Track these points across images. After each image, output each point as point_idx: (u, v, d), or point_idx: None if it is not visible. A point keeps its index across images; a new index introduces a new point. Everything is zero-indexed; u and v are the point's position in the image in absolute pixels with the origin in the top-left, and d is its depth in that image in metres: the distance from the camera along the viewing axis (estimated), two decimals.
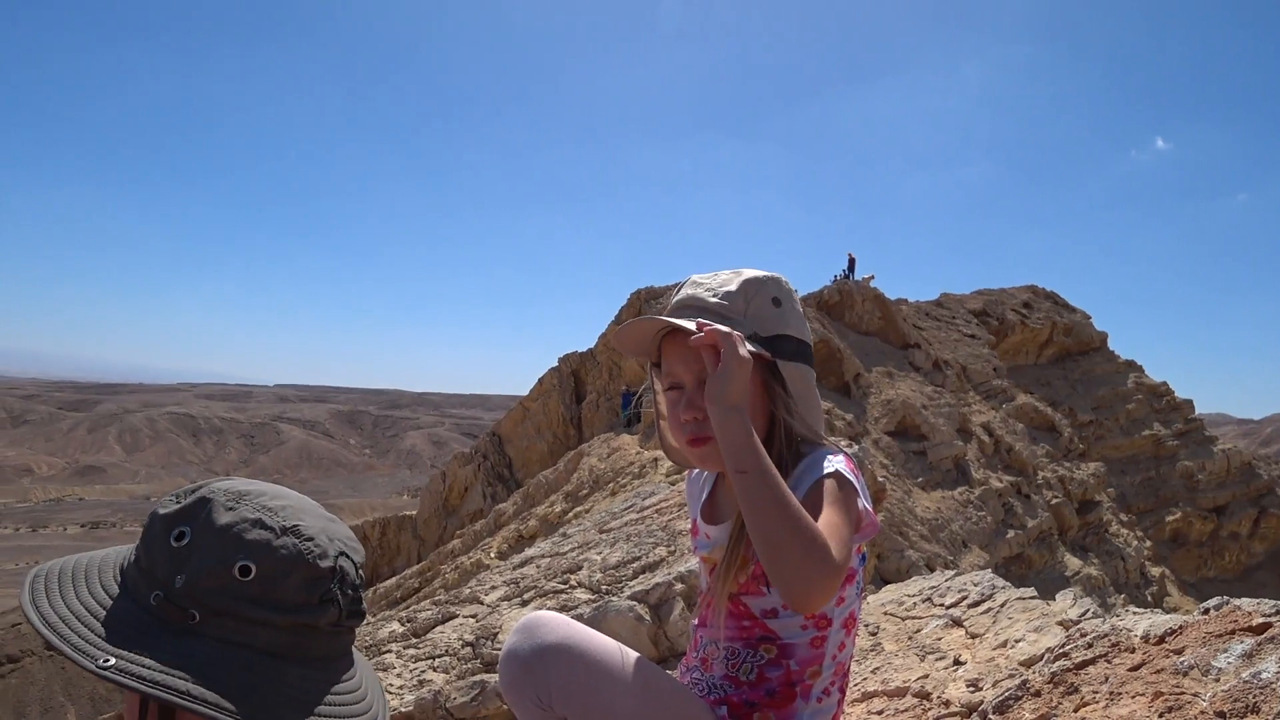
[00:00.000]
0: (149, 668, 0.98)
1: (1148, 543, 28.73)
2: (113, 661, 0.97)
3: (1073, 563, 23.34)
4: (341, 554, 1.10)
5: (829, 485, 1.52)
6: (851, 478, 1.56)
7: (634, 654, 1.64)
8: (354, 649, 1.18)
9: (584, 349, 28.02)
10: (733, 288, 1.64)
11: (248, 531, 1.05)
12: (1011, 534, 21.82)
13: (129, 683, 0.96)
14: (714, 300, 1.64)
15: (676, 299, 1.70)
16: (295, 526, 1.08)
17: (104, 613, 1.03)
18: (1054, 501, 25.06)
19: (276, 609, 1.04)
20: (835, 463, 1.57)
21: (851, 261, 29.30)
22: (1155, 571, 27.21)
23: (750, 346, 1.52)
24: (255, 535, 1.05)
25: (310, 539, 1.08)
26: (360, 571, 1.14)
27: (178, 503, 1.09)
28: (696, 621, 1.84)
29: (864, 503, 1.56)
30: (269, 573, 1.04)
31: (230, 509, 1.07)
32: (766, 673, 1.66)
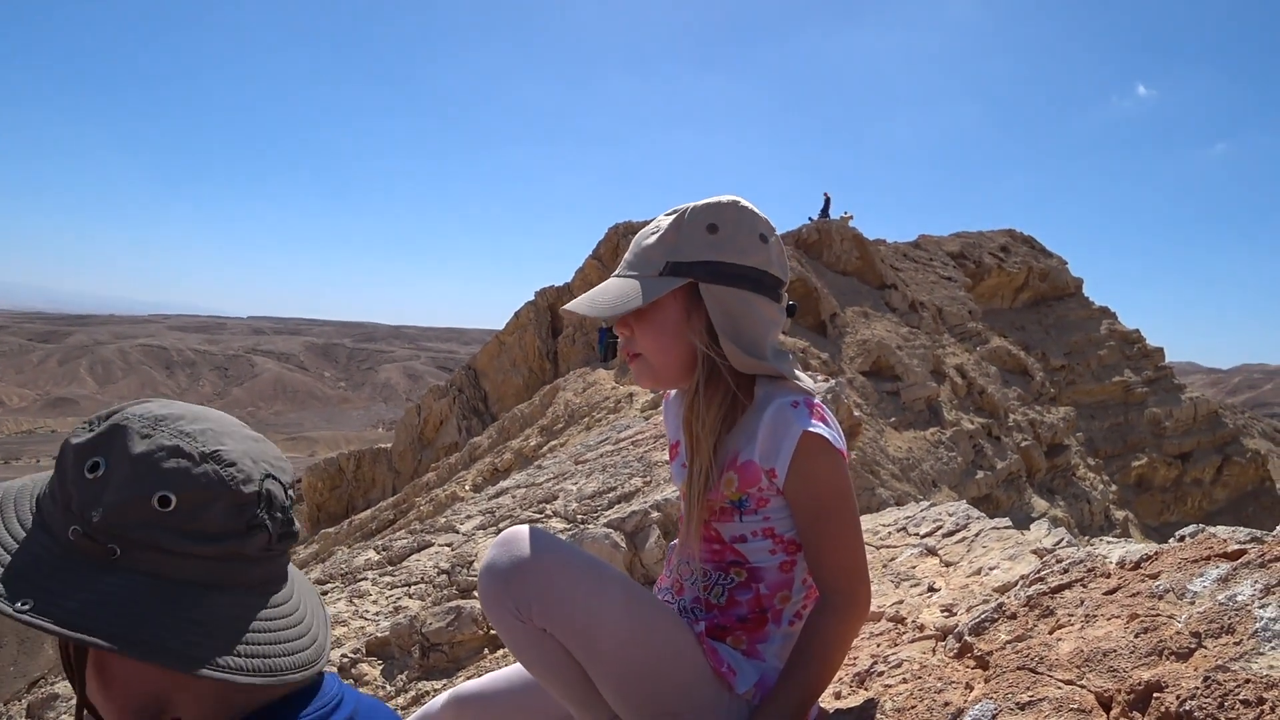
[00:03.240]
0: (66, 610, 0.93)
1: (1113, 487, 29.24)
2: (30, 605, 0.92)
3: (1040, 504, 23.73)
4: (267, 476, 1.05)
5: (817, 466, 1.55)
6: (830, 435, 1.56)
7: (613, 569, 1.64)
8: (291, 569, 1.14)
9: (561, 283, 27.89)
10: (668, 221, 1.65)
11: (165, 460, 0.98)
12: (981, 475, 22.12)
13: (45, 625, 0.91)
14: (648, 240, 1.66)
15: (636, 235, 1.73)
16: (216, 452, 1.01)
17: (18, 549, 0.98)
18: (1023, 444, 25.38)
19: (200, 539, 0.99)
20: (804, 417, 1.56)
21: (827, 200, 29.20)
22: (1119, 515, 27.73)
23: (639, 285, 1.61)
24: (173, 464, 0.98)
25: (233, 464, 1.02)
26: (290, 492, 1.08)
27: (90, 431, 1.02)
28: (675, 542, 1.84)
29: (840, 444, 1.58)
30: (190, 502, 0.98)
31: (146, 436, 1.00)
32: (736, 596, 1.67)
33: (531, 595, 1.52)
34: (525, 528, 1.61)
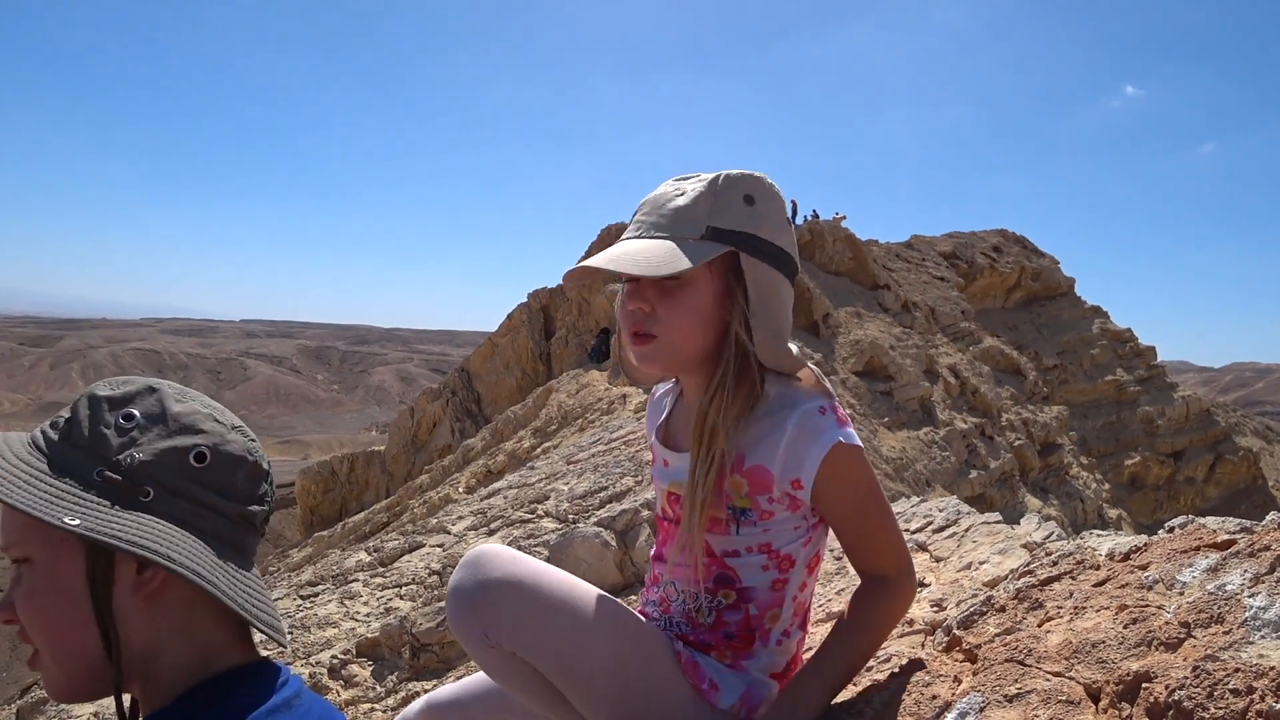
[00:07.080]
0: (120, 528, 0.98)
1: (1106, 485, 29.31)
2: (77, 521, 0.97)
3: (1033, 503, 23.76)
4: (268, 462, 1.17)
5: (850, 471, 1.50)
6: (858, 440, 1.51)
7: (585, 585, 1.57)
8: None
9: (554, 284, 27.87)
10: (698, 185, 1.49)
11: (203, 421, 1.09)
12: (974, 474, 22.15)
13: (105, 540, 0.96)
14: (678, 201, 1.49)
15: (645, 199, 1.57)
16: (240, 426, 1.14)
17: (45, 480, 1.02)
18: (1016, 443, 25.43)
19: (227, 496, 1.08)
20: (833, 425, 1.48)
21: (794, 207, 29.40)
22: (1112, 513, 27.80)
23: (684, 254, 1.43)
24: (210, 426, 1.09)
25: (254, 440, 1.15)
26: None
27: (119, 389, 1.11)
28: (653, 554, 1.79)
29: (859, 440, 1.53)
30: (221, 462, 1.08)
31: (180, 401, 1.10)
32: (725, 616, 1.60)
33: (501, 619, 1.46)
34: (493, 547, 1.55)
